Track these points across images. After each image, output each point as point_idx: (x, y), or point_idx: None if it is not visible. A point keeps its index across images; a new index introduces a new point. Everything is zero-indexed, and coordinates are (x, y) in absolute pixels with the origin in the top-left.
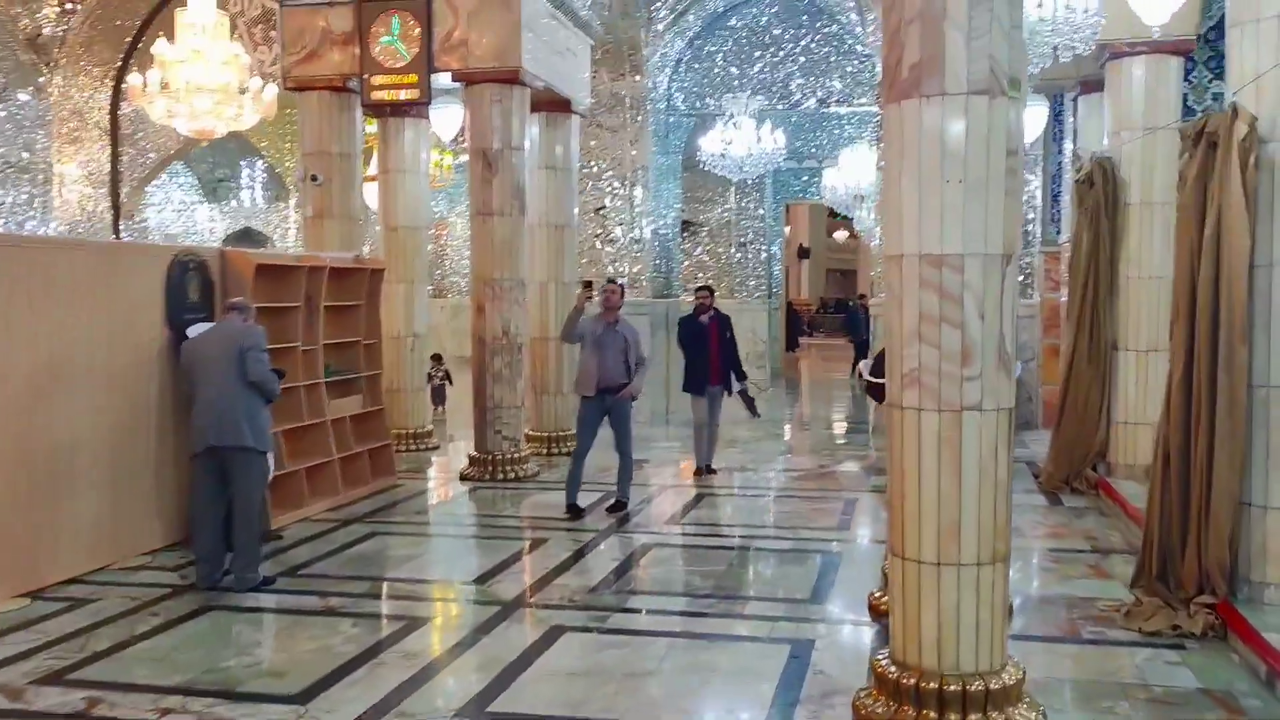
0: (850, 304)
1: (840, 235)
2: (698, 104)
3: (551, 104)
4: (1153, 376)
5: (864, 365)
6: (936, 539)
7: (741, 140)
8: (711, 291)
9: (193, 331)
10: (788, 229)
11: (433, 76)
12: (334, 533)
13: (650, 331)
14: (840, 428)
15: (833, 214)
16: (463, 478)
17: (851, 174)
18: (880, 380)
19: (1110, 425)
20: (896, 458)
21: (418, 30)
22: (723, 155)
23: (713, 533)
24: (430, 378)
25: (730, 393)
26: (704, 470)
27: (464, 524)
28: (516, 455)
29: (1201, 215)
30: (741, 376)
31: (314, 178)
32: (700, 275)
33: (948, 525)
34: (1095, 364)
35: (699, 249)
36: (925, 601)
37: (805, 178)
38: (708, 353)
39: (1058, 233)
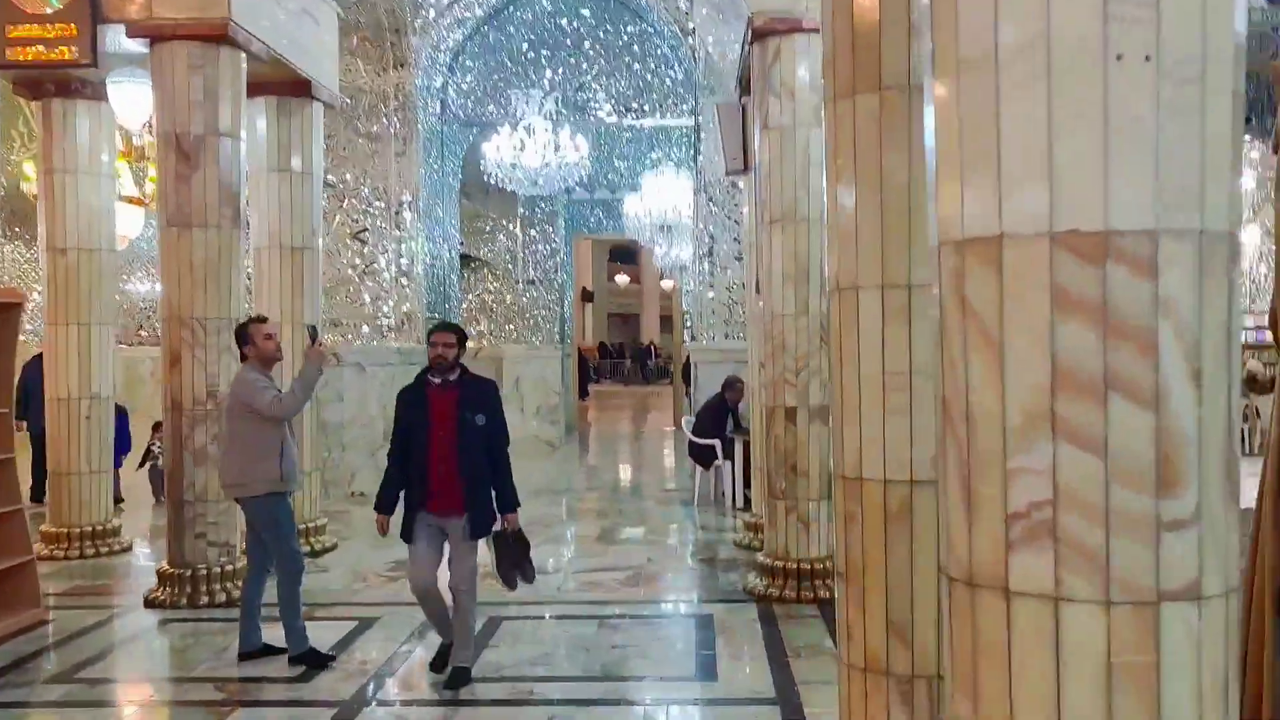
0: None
1: (622, 279)
2: (479, 111)
3: (284, 85)
4: None
5: (686, 421)
6: None
7: (535, 148)
8: (460, 336)
9: None
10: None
11: (104, 32)
12: None
13: None
14: (656, 498)
15: (614, 256)
16: (149, 604)
17: (656, 201)
18: (705, 441)
19: None
20: (995, 702)
21: None
22: (513, 166)
23: (518, 695)
24: (150, 455)
25: (483, 532)
26: (453, 679)
27: (129, 695)
28: (229, 568)
29: None
30: (510, 504)
31: None
32: (483, 318)
33: None
34: None
35: (481, 287)
36: None
37: (599, 210)
38: (431, 452)
39: None
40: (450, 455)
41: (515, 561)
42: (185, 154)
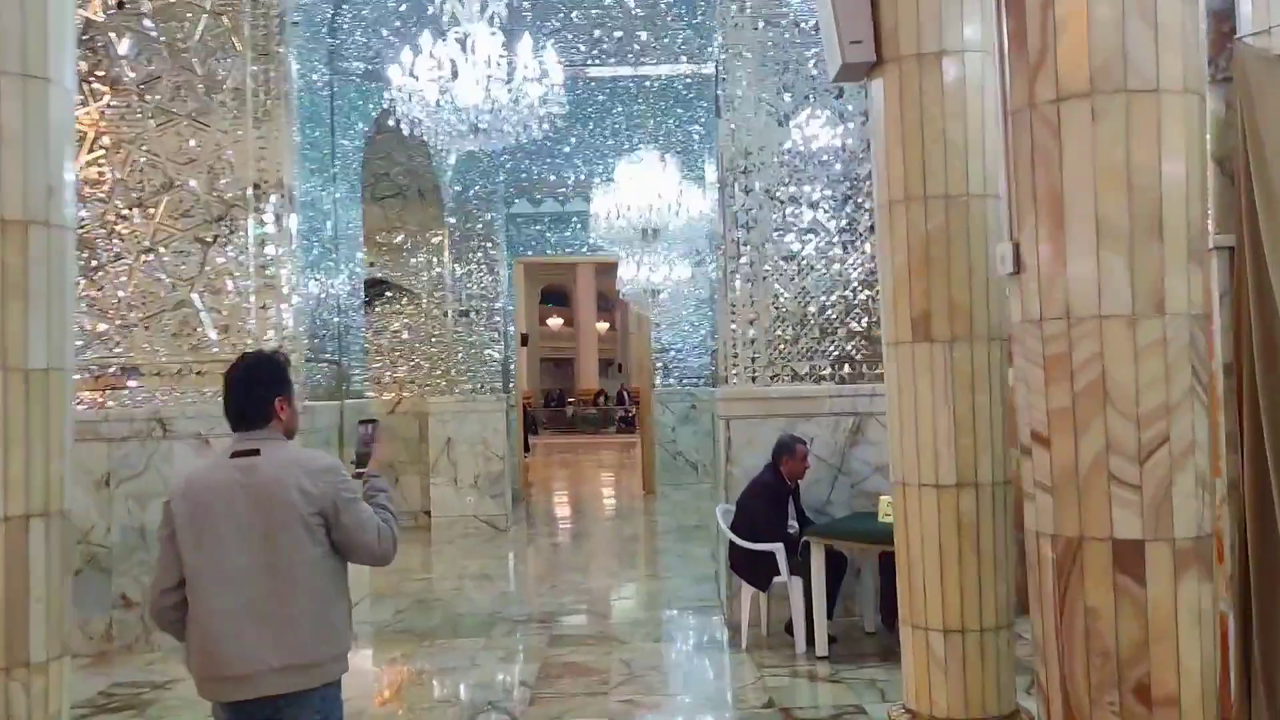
0: None
1: (555, 322)
2: (384, 55)
3: None
4: None
5: (720, 512)
6: None
7: (473, 73)
8: None
9: None
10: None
11: None
12: None
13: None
14: (676, 632)
15: (544, 299)
16: None
17: (637, 194)
18: (755, 546)
19: None
20: None
21: None
22: (438, 104)
23: None
24: None
25: None
26: None
27: None
28: None
29: None
30: None
31: None
32: (402, 362)
33: None
34: None
35: (398, 320)
36: None
37: (543, 225)
38: None
39: None
40: None
41: None
42: None
